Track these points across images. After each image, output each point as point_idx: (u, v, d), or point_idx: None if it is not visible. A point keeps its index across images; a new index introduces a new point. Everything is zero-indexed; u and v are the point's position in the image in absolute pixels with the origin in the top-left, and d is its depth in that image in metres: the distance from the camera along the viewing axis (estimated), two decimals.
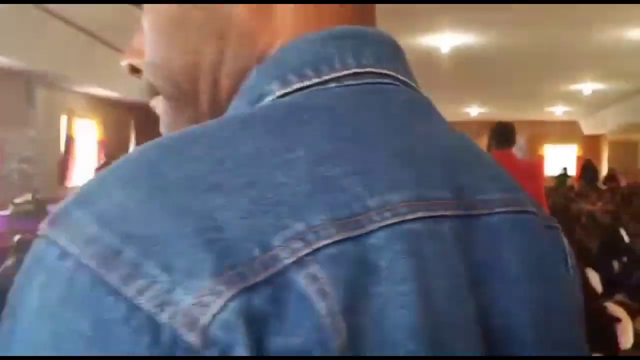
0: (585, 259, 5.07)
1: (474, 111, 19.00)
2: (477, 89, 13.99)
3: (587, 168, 17.79)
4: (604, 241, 5.77)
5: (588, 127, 21.26)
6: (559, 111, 18.30)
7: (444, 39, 7.76)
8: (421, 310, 0.33)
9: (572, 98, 15.03)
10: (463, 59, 8.90)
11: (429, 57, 8.58)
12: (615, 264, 5.45)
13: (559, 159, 23.04)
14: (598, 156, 21.88)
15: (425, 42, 7.97)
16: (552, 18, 6.98)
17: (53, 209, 0.34)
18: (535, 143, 22.88)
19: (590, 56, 9.29)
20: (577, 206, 9.04)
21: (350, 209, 0.33)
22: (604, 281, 4.91)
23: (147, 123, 10.68)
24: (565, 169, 19.27)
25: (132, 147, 10.42)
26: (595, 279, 5.03)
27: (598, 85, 12.40)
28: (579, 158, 22.65)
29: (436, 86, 12.65)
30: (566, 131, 22.15)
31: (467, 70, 10.27)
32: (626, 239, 5.99)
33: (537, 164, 4.85)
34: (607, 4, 6.37)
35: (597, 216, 7.82)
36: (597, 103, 15.62)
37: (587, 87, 12.61)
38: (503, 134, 4.43)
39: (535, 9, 6.51)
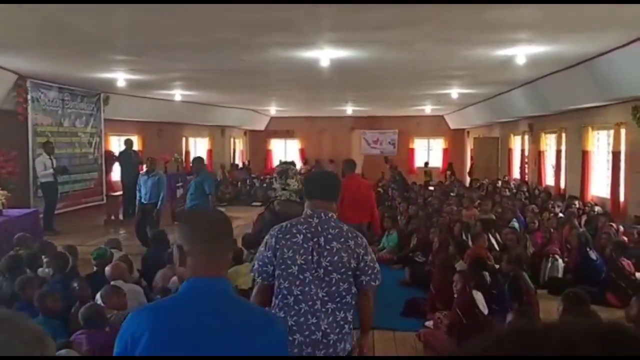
0: None
1: (349, 109, 19.56)
2: (352, 92, 14.41)
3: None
4: None
5: (453, 122, 22.51)
6: (427, 109, 19.22)
7: (323, 54, 8.03)
8: None
9: (440, 100, 15.88)
10: (340, 69, 9.18)
11: (313, 66, 8.90)
12: None
13: (427, 151, 24.33)
14: (463, 148, 23.32)
15: (308, 56, 8.26)
16: (423, 40, 7.33)
17: None
18: (406, 137, 23.87)
19: (458, 68, 9.85)
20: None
21: None
22: None
23: None
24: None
25: None
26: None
27: (464, 90, 13.19)
28: (445, 150, 24.00)
29: (318, 89, 12.95)
30: (434, 125, 23.32)
31: (344, 77, 10.58)
32: None
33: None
34: (474, 31, 6.84)
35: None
36: (463, 103, 16.60)
37: (455, 91, 13.36)
38: (351, 165, 7.74)
39: (407, 31, 6.81)
